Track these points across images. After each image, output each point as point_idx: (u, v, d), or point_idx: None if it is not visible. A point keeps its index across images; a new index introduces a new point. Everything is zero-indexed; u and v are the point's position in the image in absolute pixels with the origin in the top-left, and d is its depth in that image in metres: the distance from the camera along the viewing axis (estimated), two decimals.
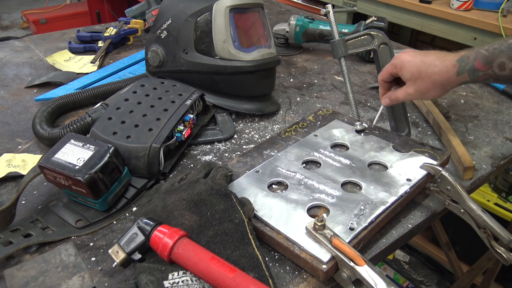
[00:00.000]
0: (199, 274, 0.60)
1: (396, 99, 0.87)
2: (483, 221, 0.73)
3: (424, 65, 0.80)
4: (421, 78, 0.81)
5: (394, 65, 0.85)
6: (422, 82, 0.81)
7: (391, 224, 0.77)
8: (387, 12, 2.02)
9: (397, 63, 0.84)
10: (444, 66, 0.79)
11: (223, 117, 1.07)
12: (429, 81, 0.80)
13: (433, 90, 0.81)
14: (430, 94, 0.82)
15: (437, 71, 0.79)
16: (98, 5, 3.81)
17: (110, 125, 0.87)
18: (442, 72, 0.79)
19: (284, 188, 0.79)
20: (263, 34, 1.09)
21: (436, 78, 0.80)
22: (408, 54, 0.83)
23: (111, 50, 1.47)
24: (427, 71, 0.80)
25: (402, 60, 0.83)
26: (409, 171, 0.81)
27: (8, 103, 1.15)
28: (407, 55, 0.83)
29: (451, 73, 0.79)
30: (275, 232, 0.69)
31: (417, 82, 0.82)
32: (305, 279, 0.66)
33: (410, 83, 0.83)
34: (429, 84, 0.80)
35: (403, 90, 0.85)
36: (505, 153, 1.00)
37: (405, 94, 0.84)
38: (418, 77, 0.81)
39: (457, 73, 0.78)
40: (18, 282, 0.62)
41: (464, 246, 1.86)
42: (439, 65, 0.79)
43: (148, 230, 0.65)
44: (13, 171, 0.87)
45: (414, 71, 0.81)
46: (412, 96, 0.84)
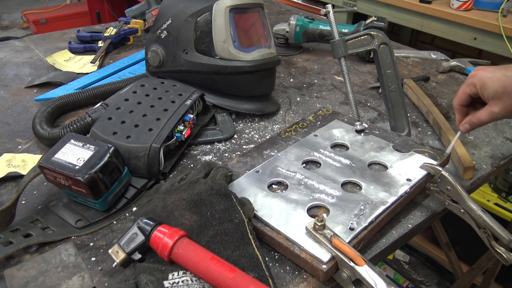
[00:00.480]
0: (199, 274, 0.60)
1: (478, 122, 0.78)
2: (483, 221, 0.73)
3: (508, 79, 0.73)
4: (507, 93, 0.73)
5: (473, 84, 0.77)
6: (509, 98, 0.73)
7: (391, 224, 0.77)
8: (387, 12, 2.02)
9: (476, 82, 0.76)
10: None
11: (223, 117, 1.07)
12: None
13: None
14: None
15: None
16: (98, 5, 3.81)
17: (110, 125, 0.87)
18: None
19: (284, 188, 0.79)
20: (263, 34, 1.09)
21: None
22: (486, 70, 0.76)
23: (111, 50, 1.47)
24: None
25: (481, 77, 0.76)
26: (409, 171, 0.81)
27: (8, 103, 1.15)
28: (485, 72, 0.76)
29: None
30: (275, 232, 0.69)
31: (503, 99, 0.74)
32: (305, 279, 0.66)
33: (494, 101, 0.75)
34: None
35: (486, 110, 0.77)
36: (505, 153, 1.00)
37: (490, 114, 0.76)
38: (503, 93, 0.73)
39: None
40: (18, 282, 0.62)
41: (464, 246, 1.86)
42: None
43: (148, 230, 0.65)
44: (13, 171, 0.87)
45: (497, 87, 0.73)
46: (498, 116, 0.76)
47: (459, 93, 0.80)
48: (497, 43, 1.69)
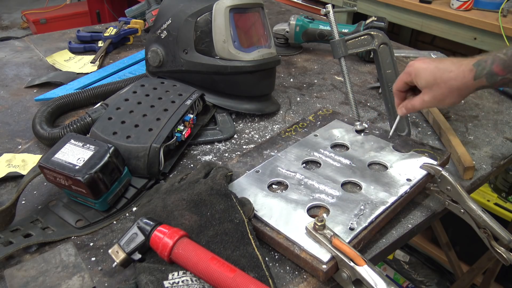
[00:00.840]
0: (199, 274, 0.60)
1: (412, 107, 0.85)
2: (483, 221, 0.73)
3: (439, 71, 0.78)
4: (437, 84, 0.78)
5: (409, 73, 0.83)
6: (438, 89, 0.78)
7: (391, 224, 0.77)
8: (387, 12, 2.02)
9: (411, 71, 0.82)
10: (460, 71, 0.77)
11: (223, 117, 1.07)
12: (445, 87, 0.78)
13: (450, 96, 0.79)
14: (447, 101, 0.80)
15: (453, 76, 0.77)
16: (98, 5, 3.81)
17: (110, 125, 0.87)
18: (458, 77, 0.77)
19: (284, 188, 0.79)
20: (263, 34, 1.09)
21: (453, 84, 0.77)
22: (422, 61, 0.82)
23: (111, 50, 1.47)
24: (443, 77, 0.78)
25: (417, 67, 0.81)
26: (409, 171, 0.81)
27: (8, 103, 1.15)
28: (421, 62, 0.81)
29: (467, 78, 0.77)
30: (275, 232, 0.69)
31: (433, 89, 0.79)
32: (305, 279, 0.66)
33: (426, 90, 0.81)
34: (446, 90, 0.78)
35: (419, 98, 0.82)
36: (505, 153, 1.00)
37: (422, 102, 0.82)
38: (433, 83, 0.79)
39: (474, 78, 0.76)
40: (18, 282, 0.62)
41: (464, 246, 1.86)
42: (455, 70, 0.77)
43: (148, 230, 0.65)
44: (13, 171, 0.87)
45: (429, 78, 0.79)
46: (429, 104, 0.81)
47: (397, 79, 0.87)
48: (497, 43, 1.69)
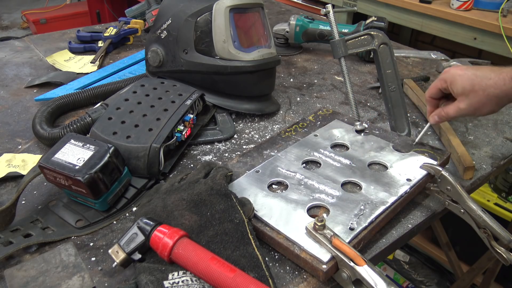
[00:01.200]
0: (199, 274, 0.60)
1: (446, 115, 0.82)
2: (483, 221, 0.73)
3: (477, 78, 0.76)
4: (474, 91, 0.76)
5: (444, 80, 0.81)
6: (476, 96, 0.76)
7: (391, 224, 0.77)
8: (387, 12, 2.02)
9: (447, 77, 0.80)
10: (500, 79, 0.75)
11: (223, 117, 1.07)
12: (483, 94, 0.75)
13: (487, 105, 0.77)
14: (484, 109, 0.77)
15: (492, 83, 0.75)
16: (98, 5, 3.81)
17: (110, 125, 0.87)
18: (497, 85, 0.74)
19: (284, 188, 0.79)
20: (263, 34, 1.09)
21: (491, 91, 0.75)
22: (458, 68, 0.80)
23: (111, 50, 1.47)
24: (481, 84, 0.75)
25: (453, 74, 0.79)
26: (409, 171, 0.81)
27: (8, 103, 1.15)
28: (457, 69, 0.79)
29: (508, 86, 0.74)
30: (275, 232, 0.69)
31: (469, 96, 0.77)
32: (305, 279, 0.66)
33: (461, 98, 0.78)
34: (483, 98, 0.76)
35: (454, 105, 0.80)
36: (505, 153, 1.00)
37: (457, 110, 0.79)
38: (471, 90, 0.76)
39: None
40: (18, 282, 0.62)
41: (464, 246, 1.86)
42: (494, 78, 0.75)
43: (148, 230, 0.65)
44: (13, 171, 0.87)
45: (466, 84, 0.77)
46: (464, 112, 0.79)
47: (431, 86, 0.84)
48: (497, 43, 1.69)
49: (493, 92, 0.75)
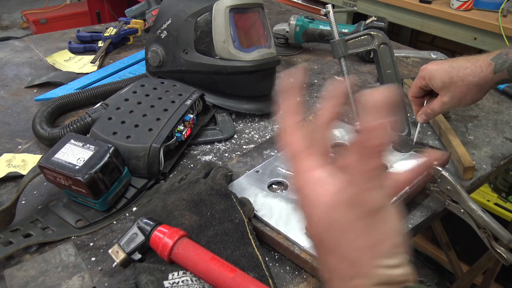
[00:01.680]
0: (199, 274, 0.60)
1: (432, 112, 0.82)
2: (483, 221, 0.73)
3: (454, 70, 0.76)
4: (454, 83, 0.76)
5: (422, 77, 0.81)
6: (456, 87, 0.76)
7: None
8: (387, 12, 2.02)
9: (425, 74, 0.80)
10: (477, 66, 0.75)
11: (223, 117, 1.07)
12: (463, 84, 0.75)
13: (469, 94, 0.76)
14: (468, 99, 0.77)
15: (470, 72, 0.75)
16: (98, 5, 3.81)
17: (110, 125, 0.87)
18: (475, 73, 0.75)
19: (284, 188, 0.79)
20: (263, 34, 1.09)
21: (470, 80, 0.75)
22: (434, 63, 0.80)
23: (111, 50, 1.47)
24: (459, 75, 0.75)
25: (430, 69, 0.79)
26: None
27: (8, 103, 1.15)
28: (433, 65, 0.79)
29: (486, 72, 0.74)
30: (275, 232, 0.69)
31: (450, 89, 0.77)
32: (305, 279, 0.66)
33: (443, 91, 0.78)
34: (464, 88, 0.76)
35: (437, 101, 0.80)
36: (505, 153, 1.00)
37: (441, 104, 0.79)
38: (450, 83, 0.76)
39: (495, 71, 0.74)
40: (18, 282, 0.62)
41: (464, 246, 1.86)
42: (471, 66, 0.75)
43: (148, 230, 0.65)
44: (13, 171, 0.87)
45: (444, 78, 0.77)
46: (449, 104, 0.79)
47: (412, 86, 0.84)
48: (497, 43, 1.69)
49: (472, 80, 0.75)
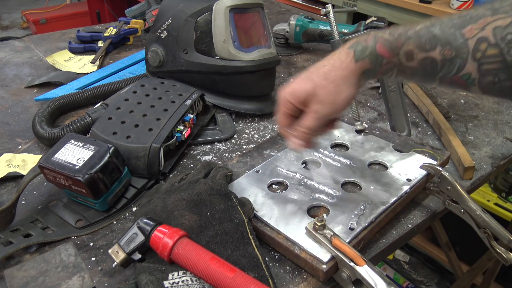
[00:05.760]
0: (199, 274, 0.60)
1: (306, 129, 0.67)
2: (483, 221, 0.73)
3: (312, 73, 0.66)
4: (318, 85, 0.65)
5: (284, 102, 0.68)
6: (322, 88, 0.65)
7: (391, 224, 0.77)
8: (387, 12, 2.02)
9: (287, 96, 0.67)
10: (336, 59, 0.65)
11: (223, 117, 1.07)
12: (327, 83, 0.64)
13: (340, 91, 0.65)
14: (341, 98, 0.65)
15: (330, 67, 0.65)
16: (98, 5, 3.81)
17: (110, 125, 0.87)
18: (335, 66, 0.64)
19: (284, 188, 0.79)
20: (263, 34, 1.09)
21: (333, 75, 0.64)
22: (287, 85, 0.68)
23: (111, 50, 1.47)
24: (319, 74, 0.65)
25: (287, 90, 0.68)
26: (409, 171, 0.81)
27: (8, 103, 1.15)
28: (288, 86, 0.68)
29: (346, 62, 0.64)
30: (275, 232, 0.69)
31: (316, 92, 0.65)
32: (305, 279, 0.66)
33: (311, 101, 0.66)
34: (331, 86, 0.64)
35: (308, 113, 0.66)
36: (505, 153, 1.00)
37: (313, 115, 0.66)
38: (314, 86, 0.65)
39: (356, 59, 0.64)
40: (18, 282, 0.62)
41: (464, 246, 1.86)
42: (328, 62, 0.66)
43: (148, 230, 0.65)
44: (13, 171, 0.87)
45: (306, 86, 0.65)
46: (322, 112, 0.66)
47: (278, 118, 0.70)
48: None
49: (334, 74, 0.64)
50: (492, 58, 0.58)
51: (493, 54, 0.57)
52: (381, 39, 0.63)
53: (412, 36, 0.61)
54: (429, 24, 0.61)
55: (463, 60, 0.59)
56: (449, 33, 0.59)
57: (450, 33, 0.59)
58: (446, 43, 0.59)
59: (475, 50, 0.58)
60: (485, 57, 0.58)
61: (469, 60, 0.59)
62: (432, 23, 0.61)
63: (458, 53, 0.59)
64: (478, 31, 0.58)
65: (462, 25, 0.59)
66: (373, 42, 0.64)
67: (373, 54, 0.63)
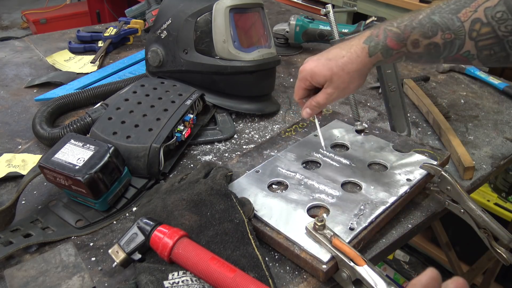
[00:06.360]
0: (199, 274, 0.60)
1: (317, 104, 0.79)
2: (483, 221, 0.73)
3: (331, 61, 0.75)
4: (335, 73, 0.75)
5: (304, 78, 0.79)
6: (339, 77, 0.75)
7: (391, 224, 0.77)
8: (387, 12, 2.02)
9: (306, 75, 0.78)
10: (353, 53, 0.74)
11: (223, 117, 1.07)
12: (343, 73, 0.74)
13: (352, 81, 0.76)
14: (352, 86, 0.77)
15: (348, 60, 0.74)
16: (98, 5, 3.80)
17: (110, 125, 0.87)
18: (352, 59, 0.74)
19: (284, 188, 0.79)
20: (263, 34, 1.09)
21: (350, 67, 0.74)
22: (310, 60, 0.79)
23: (111, 50, 1.47)
24: (338, 65, 0.74)
25: (309, 69, 0.78)
26: (409, 171, 0.81)
27: (8, 103, 1.15)
28: (310, 62, 0.78)
29: (362, 57, 0.74)
30: (275, 232, 0.69)
31: (333, 80, 0.75)
32: (305, 279, 0.66)
33: (326, 84, 0.77)
34: (345, 76, 0.75)
35: (322, 93, 0.78)
36: (505, 153, 1.00)
37: (326, 95, 0.77)
38: (332, 74, 0.75)
39: (369, 54, 0.74)
40: (18, 282, 0.62)
41: (464, 246, 1.86)
42: (346, 54, 0.75)
43: (148, 230, 0.65)
44: (13, 171, 0.87)
45: (325, 72, 0.75)
46: (334, 95, 0.77)
47: (296, 89, 0.82)
48: None
49: (351, 67, 0.74)
50: (486, 35, 0.68)
51: (487, 32, 0.68)
52: (390, 32, 0.73)
53: (416, 25, 0.72)
54: (430, 11, 0.71)
55: (461, 40, 0.70)
56: (448, 18, 0.69)
57: (448, 18, 0.69)
58: (446, 28, 0.70)
59: (470, 30, 0.69)
60: (480, 35, 0.68)
61: (467, 40, 0.69)
62: (432, 10, 0.71)
63: (457, 35, 0.69)
64: (472, 13, 0.68)
65: (457, 10, 0.69)
66: (383, 37, 0.73)
67: (384, 48, 0.73)
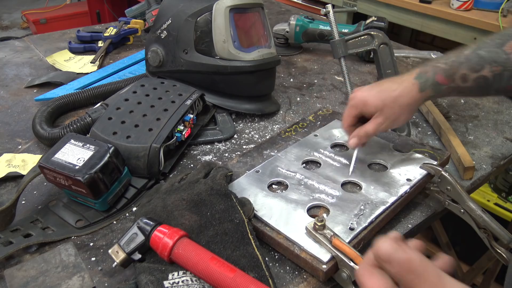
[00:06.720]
0: (199, 274, 0.60)
1: (366, 134, 0.80)
2: (483, 221, 0.73)
3: (384, 93, 0.78)
4: (387, 105, 0.78)
5: (355, 106, 0.81)
6: (390, 109, 0.78)
7: (391, 224, 0.77)
8: (387, 12, 2.02)
9: (357, 103, 0.80)
10: (404, 87, 0.77)
11: (223, 117, 1.07)
12: (395, 105, 0.77)
13: (402, 114, 0.79)
14: (401, 119, 0.80)
15: (399, 93, 0.77)
16: (98, 5, 3.80)
17: (110, 125, 0.87)
18: (404, 94, 0.77)
19: (284, 188, 0.79)
20: (263, 34, 1.09)
21: (402, 101, 0.77)
22: (362, 90, 0.81)
23: (111, 50, 1.47)
24: (390, 97, 0.77)
25: (361, 98, 0.80)
26: (409, 171, 0.81)
27: (8, 103, 1.15)
28: (363, 92, 0.80)
29: (413, 92, 0.77)
30: (275, 232, 0.69)
31: (384, 111, 0.78)
32: (305, 279, 0.66)
33: (377, 114, 0.79)
34: (397, 109, 0.78)
35: (372, 122, 0.80)
36: (505, 153, 1.00)
37: (375, 125, 0.79)
38: (383, 105, 0.78)
39: (420, 90, 0.77)
40: (18, 282, 0.62)
41: (464, 246, 1.86)
42: (398, 88, 0.78)
43: (148, 230, 0.65)
44: (13, 171, 0.87)
45: (377, 102, 0.78)
46: (384, 125, 0.79)
47: (345, 116, 0.83)
48: None
49: (403, 101, 0.77)
50: None
51: None
52: (438, 69, 0.77)
53: (463, 61, 0.75)
54: (476, 47, 0.75)
55: (510, 72, 0.73)
56: (493, 52, 0.73)
57: (494, 52, 0.73)
58: (493, 61, 0.73)
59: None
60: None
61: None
62: (478, 46, 0.75)
63: (505, 67, 0.73)
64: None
65: (502, 43, 0.73)
66: (432, 74, 0.77)
67: (434, 84, 0.77)
